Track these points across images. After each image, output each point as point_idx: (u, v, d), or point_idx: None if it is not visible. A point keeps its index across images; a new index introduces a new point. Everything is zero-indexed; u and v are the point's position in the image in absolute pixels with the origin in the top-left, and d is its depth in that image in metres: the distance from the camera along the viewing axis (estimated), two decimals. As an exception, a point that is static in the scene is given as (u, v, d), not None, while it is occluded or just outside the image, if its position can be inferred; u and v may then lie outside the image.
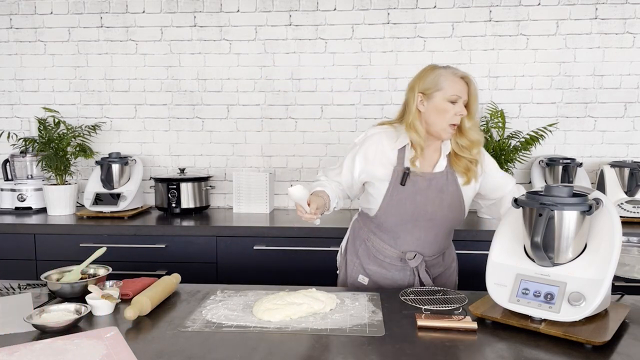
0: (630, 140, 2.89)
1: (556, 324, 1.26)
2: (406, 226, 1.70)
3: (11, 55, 3.07)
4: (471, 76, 1.70)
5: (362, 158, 1.73)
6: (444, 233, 1.76)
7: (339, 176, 1.79)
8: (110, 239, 2.52)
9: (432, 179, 1.68)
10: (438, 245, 1.76)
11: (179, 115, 3.06)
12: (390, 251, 1.75)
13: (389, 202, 1.69)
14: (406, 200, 1.67)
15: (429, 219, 1.69)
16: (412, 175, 1.67)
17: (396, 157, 1.70)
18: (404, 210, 1.68)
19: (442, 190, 1.69)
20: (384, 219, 1.72)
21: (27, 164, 2.98)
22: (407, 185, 1.67)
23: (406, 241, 1.72)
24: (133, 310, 1.35)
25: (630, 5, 2.79)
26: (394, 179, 1.68)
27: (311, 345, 1.21)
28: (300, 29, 2.94)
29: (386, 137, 1.72)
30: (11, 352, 1.15)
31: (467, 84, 1.67)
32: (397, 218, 1.69)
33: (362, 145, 1.75)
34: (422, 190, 1.68)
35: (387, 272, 1.76)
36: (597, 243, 1.29)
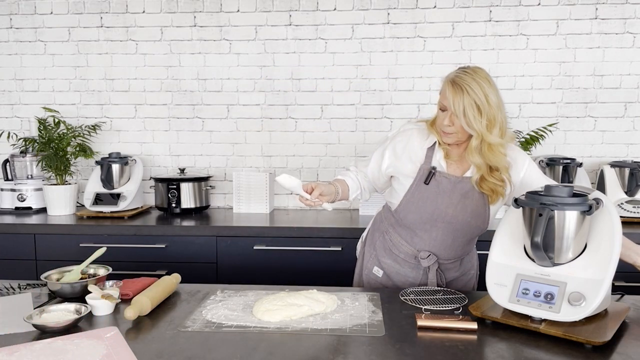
0: (630, 140, 2.89)
1: (556, 324, 1.26)
2: (424, 225, 1.68)
3: (11, 55, 3.07)
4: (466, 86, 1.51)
5: (391, 152, 1.72)
6: (463, 239, 1.70)
7: (366, 167, 1.79)
8: (110, 239, 2.52)
9: (458, 183, 1.64)
10: (455, 250, 1.72)
11: (179, 115, 3.06)
12: (406, 247, 1.73)
13: (410, 199, 1.67)
14: (427, 200, 1.64)
15: (448, 222, 1.65)
16: (438, 175, 1.64)
17: (424, 155, 1.67)
18: (423, 209, 1.65)
19: (467, 195, 1.64)
20: (403, 215, 1.70)
21: (27, 164, 2.98)
22: (430, 185, 1.63)
23: (423, 240, 1.70)
24: (133, 310, 1.35)
25: (630, 5, 2.79)
26: (419, 176, 1.65)
27: (311, 345, 1.21)
28: (300, 29, 2.94)
29: (418, 134, 1.70)
30: (11, 352, 1.15)
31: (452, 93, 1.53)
32: (416, 216, 1.67)
33: (393, 140, 1.73)
34: (445, 192, 1.64)
35: (401, 267, 1.75)
36: (597, 243, 1.29)
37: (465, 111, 1.51)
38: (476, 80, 1.52)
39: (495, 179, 1.59)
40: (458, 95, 1.51)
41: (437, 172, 1.63)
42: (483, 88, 1.52)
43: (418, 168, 1.66)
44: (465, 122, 1.52)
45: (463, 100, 1.50)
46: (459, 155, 1.66)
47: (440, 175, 1.63)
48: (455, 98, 1.52)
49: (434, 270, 1.71)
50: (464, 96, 1.50)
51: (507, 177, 1.60)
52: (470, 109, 1.50)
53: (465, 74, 1.54)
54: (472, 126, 1.52)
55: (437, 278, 1.72)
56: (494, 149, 1.55)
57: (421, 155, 1.67)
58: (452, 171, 1.66)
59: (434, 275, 1.71)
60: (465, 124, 1.53)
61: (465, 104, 1.50)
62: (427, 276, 1.72)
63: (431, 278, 1.71)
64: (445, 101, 1.56)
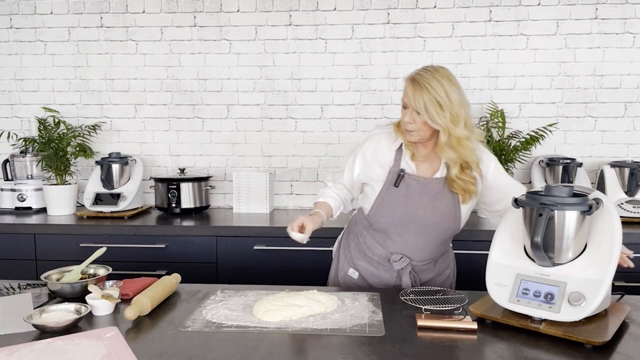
0: (630, 140, 2.89)
1: (556, 324, 1.26)
2: (396, 228, 1.69)
3: (11, 55, 3.07)
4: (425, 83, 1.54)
5: (361, 159, 1.75)
6: (436, 241, 1.72)
7: (342, 178, 1.84)
8: (110, 239, 2.52)
9: (427, 184, 1.66)
10: (428, 252, 1.73)
11: (179, 115, 3.06)
12: (379, 250, 1.75)
13: (381, 202, 1.69)
14: (397, 203, 1.66)
15: (419, 223, 1.66)
16: (407, 177, 1.66)
17: (393, 157, 1.70)
18: (394, 212, 1.67)
19: (437, 197, 1.66)
20: (375, 219, 1.72)
21: (27, 164, 2.98)
22: (400, 187, 1.66)
23: (395, 243, 1.72)
24: (133, 310, 1.35)
25: (630, 5, 2.79)
26: (389, 179, 1.68)
27: (311, 345, 1.21)
28: (300, 29, 2.94)
29: (386, 137, 1.72)
30: (11, 352, 1.15)
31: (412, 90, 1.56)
32: (387, 219, 1.69)
33: (362, 147, 1.76)
34: (415, 194, 1.66)
35: (375, 270, 1.77)
36: (597, 243, 1.29)
37: (426, 107, 1.54)
38: (436, 77, 1.55)
39: (467, 176, 1.62)
40: (418, 91, 1.55)
41: (406, 174, 1.66)
42: (443, 85, 1.55)
43: (387, 172, 1.69)
44: (428, 117, 1.55)
45: (423, 97, 1.54)
46: (426, 155, 1.69)
47: (409, 178, 1.66)
48: (415, 94, 1.55)
49: (407, 273, 1.72)
50: (423, 93, 1.54)
51: (478, 173, 1.64)
52: (431, 105, 1.54)
53: (426, 72, 1.58)
54: (436, 120, 1.55)
55: (411, 280, 1.73)
56: (462, 142, 1.57)
57: (390, 158, 1.70)
58: (421, 173, 1.68)
59: (408, 278, 1.72)
60: (429, 119, 1.55)
61: (425, 100, 1.54)
62: (401, 278, 1.74)
63: (405, 280, 1.72)
64: (406, 98, 1.59)
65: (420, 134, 1.61)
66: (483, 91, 2.91)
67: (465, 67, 2.89)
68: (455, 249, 2.38)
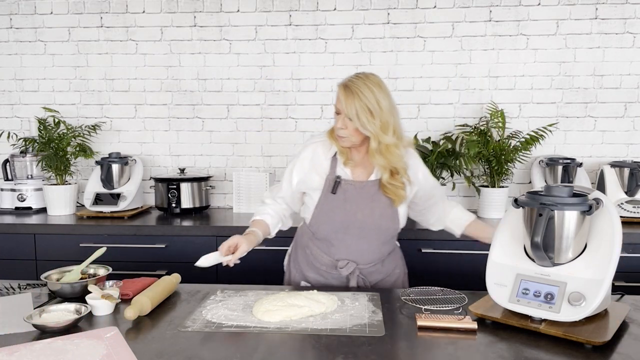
0: (630, 140, 2.89)
1: (556, 324, 1.26)
2: (337, 234, 1.72)
3: (11, 55, 3.07)
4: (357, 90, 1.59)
5: (299, 169, 1.76)
6: (378, 242, 1.74)
7: (280, 191, 1.82)
8: (110, 239, 2.52)
9: (363, 187, 1.70)
10: (372, 253, 1.75)
11: (179, 115, 3.06)
12: (325, 259, 1.76)
13: (321, 210, 1.71)
14: (336, 209, 1.69)
15: (359, 227, 1.69)
16: (344, 183, 1.69)
17: (329, 165, 1.73)
18: (334, 219, 1.70)
19: (373, 199, 1.69)
20: (316, 228, 1.74)
21: (27, 164, 2.98)
22: (338, 194, 1.69)
23: (339, 249, 1.73)
24: (133, 310, 1.35)
25: (630, 5, 2.79)
26: (326, 187, 1.71)
27: (311, 345, 1.21)
28: (300, 29, 2.94)
29: (321, 145, 1.76)
30: (11, 352, 1.15)
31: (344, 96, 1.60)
32: (328, 226, 1.71)
33: (299, 157, 1.78)
34: (352, 198, 1.69)
35: (324, 279, 1.78)
36: (597, 243, 1.29)
37: (358, 114, 1.58)
38: (367, 85, 1.61)
39: (397, 181, 1.67)
40: (350, 98, 1.59)
41: (342, 180, 1.69)
42: (374, 93, 1.60)
43: (324, 179, 1.71)
44: (360, 124, 1.59)
45: (355, 104, 1.58)
46: (360, 159, 1.72)
47: (345, 183, 1.69)
48: (347, 101, 1.59)
49: (355, 277, 1.73)
50: (354, 100, 1.58)
51: (406, 179, 1.69)
52: (362, 112, 1.58)
53: (358, 79, 1.62)
54: (367, 127, 1.60)
55: (359, 284, 1.74)
56: (391, 149, 1.63)
57: (326, 165, 1.73)
58: (357, 177, 1.72)
59: (355, 282, 1.73)
60: (360, 126, 1.60)
61: (357, 107, 1.58)
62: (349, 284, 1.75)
63: (352, 285, 1.73)
64: (339, 105, 1.63)
65: (352, 140, 1.65)
66: (483, 91, 2.91)
67: (465, 67, 2.89)
68: (455, 249, 2.39)
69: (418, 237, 2.42)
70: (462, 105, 2.93)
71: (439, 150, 2.68)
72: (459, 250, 2.40)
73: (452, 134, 2.83)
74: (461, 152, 2.72)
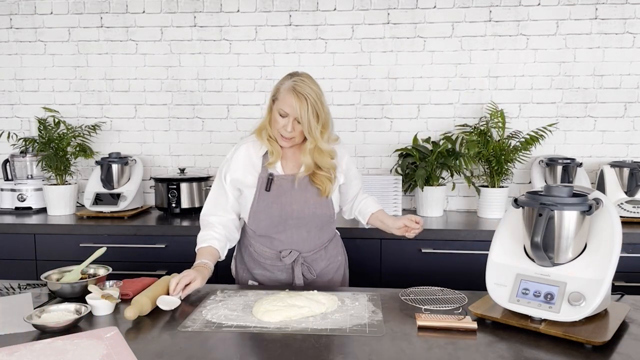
0: (630, 140, 2.89)
1: (556, 324, 1.26)
2: (277, 228, 1.75)
3: (11, 55, 3.07)
4: (307, 95, 1.64)
5: (233, 170, 1.77)
6: (316, 229, 1.79)
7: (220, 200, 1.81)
8: (110, 239, 2.52)
9: (295, 180, 1.73)
10: (313, 240, 1.79)
11: (179, 115, 3.06)
12: (269, 252, 1.79)
13: (257, 208, 1.74)
14: (273, 204, 1.72)
15: (296, 217, 1.73)
16: (277, 179, 1.73)
17: (261, 164, 1.76)
18: (272, 214, 1.72)
19: (306, 189, 1.74)
20: (256, 225, 1.76)
21: (27, 164, 2.98)
22: (272, 191, 1.72)
23: (281, 241, 1.77)
24: (133, 310, 1.35)
25: (630, 5, 2.79)
26: (260, 185, 1.74)
27: (311, 345, 1.21)
28: (300, 29, 2.94)
29: (252, 145, 1.79)
30: (11, 352, 1.15)
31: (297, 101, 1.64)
32: (266, 222, 1.74)
33: (231, 159, 1.80)
34: (286, 191, 1.73)
35: (272, 274, 1.80)
36: (597, 243, 1.29)
37: (309, 118, 1.64)
38: (312, 88, 1.67)
39: (324, 172, 1.74)
40: (304, 104, 1.64)
41: (275, 177, 1.73)
42: (318, 95, 1.67)
43: (257, 178, 1.74)
44: (307, 129, 1.66)
45: (307, 108, 1.64)
46: (291, 154, 1.77)
47: (278, 179, 1.73)
48: (301, 107, 1.64)
49: (299, 265, 1.76)
50: (306, 104, 1.64)
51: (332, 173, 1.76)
52: (312, 117, 1.65)
53: (303, 83, 1.66)
54: (312, 133, 1.67)
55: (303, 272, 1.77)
56: (324, 153, 1.72)
57: (258, 164, 1.76)
58: (288, 170, 1.76)
59: (300, 270, 1.76)
60: (307, 131, 1.67)
61: (309, 112, 1.64)
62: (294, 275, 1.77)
63: (297, 273, 1.76)
64: (288, 108, 1.65)
65: (295, 141, 1.72)
66: (483, 91, 2.91)
67: (465, 67, 2.89)
68: (455, 249, 2.39)
69: (418, 237, 2.41)
70: (462, 105, 2.93)
71: (439, 150, 2.68)
72: (459, 250, 2.40)
73: (452, 134, 2.83)
74: (461, 152, 2.72)
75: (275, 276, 1.80)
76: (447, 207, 2.99)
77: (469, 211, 2.95)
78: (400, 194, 2.76)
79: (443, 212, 2.82)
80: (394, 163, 2.94)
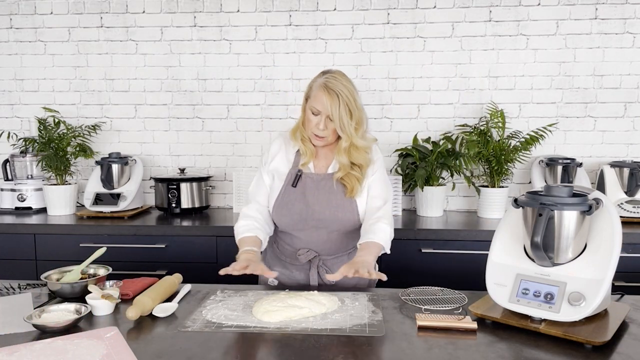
0: (630, 140, 2.89)
1: (556, 324, 1.26)
2: (298, 225, 1.75)
3: (11, 55, 3.07)
4: (339, 92, 1.62)
5: (272, 153, 1.81)
6: (338, 233, 1.76)
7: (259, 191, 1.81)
8: (110, 239, 2.52)
9: (322, 180, 1.74)
10: (334, 244, 1.77)
11: (179, 115, 3.06)
12: (289, 250, 1.80)
13: (281, 202, 1.75)
14: (295, 201, 1.73)
15: (317, 218, 1.72)
16: (304, 176, 1.74)
17: (294, 159, 1.78)
18: (293, 211, 1.73)
19: (331, 191, 1.73)
20: (278, 219, 1.77)
21: (27, 164, 2.98)
22: (297, 187, 1.73)
23: (301, 240, 1.77)
24: (135, 310, 1.35)
25: (630, 5, 2.79)
26: (288, 179, 1.75)
27: (311, 345, 1.21)
28: (300, 29, 2.94)
29: (288, 141, 1.81)
30: (11, 352, 1.15)
31: (329, 99, 1.62)
32: (288, 218, 1.74)
33: (271, 146, 1.84)
34: (310, 190, 1.73)
35: (290, 272, 1.81)
36: (597, 243, 1.29)
37: (340, 115, 1.63)
38: (344, 84, 1.66)
39: (356, 172, 1.72)
40: (335, 101, 1.62)
41: (303, 173, 1.74)
42: (351, 92, 1.66)
43: (288, 171, 1.76)
44: (340, 124, 1.64)
45: (339, 106, 1.63)
46: (323, 153, 1.77)
47: (305, 177, 1.74)
48: (332, 104, 1.63)
49: (316, 266, 1.76)
50: (338, 101, 1.62)
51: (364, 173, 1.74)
52: (344, 114, 1.64)
53: (335, 80, 1.66)
54: (345, 130, 1.65)
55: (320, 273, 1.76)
56: (360, 150, 1.71)
57: (291, 159, 1.78)
58: (317, 169, 1.76)
59: (315, 271, 1.76)
60: (340, 128, 1.65)
61: (341, 109, 1.63)
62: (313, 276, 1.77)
63: (312, 274, 1.76)
64: (320, 106, 1.65)
65: (329, 140, 1.71)
66: (483, 91, 2.91)
67: (465, 67, 2.89)
68: (455, 249, 2.39)
69: (418, 237, 2.42)
70: (462, 105, 2.93)
71: (439, 150, 2.68)
72: (459, 250, 2.40)
73: (452, 134, 2.83)
74: (461, 152, 2.72)
75: (294, 275, 1.80)
76: (447, 207, 2.99)
77: (469, 211, 2.95)
78: (400, 194, 2.76)
79: (443, 212, 2.83)
80: (394, 163, 2.94)
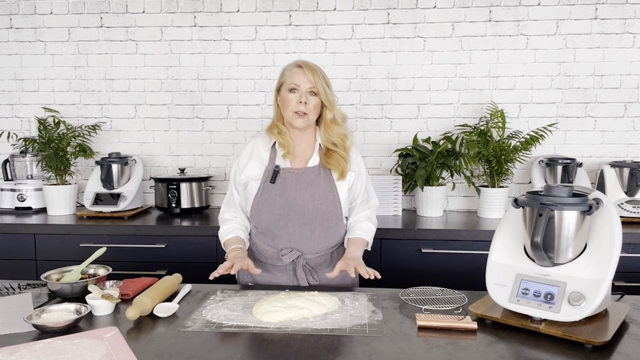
0: (630, 140, 2.89)
1: (556, 324, 1.26)
2: (279, 222, 1.73)
3: (11, 55, 3.07)
4: (312, 65, 1.74)
5: (241, 165, 1.81)
6: (321, 228, 1.74)
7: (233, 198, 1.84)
8: (110, 239, 2.52)
9: (302, 174, 1.74)
10: (317, 241, 1.75)
11: (179, 115, 3.06)
12: (270, 251, 1.77)
13: (260, 199, 1.74)
14: (276, 197, 1.72)
15: (300, 212, 1.71)
16: (282, 172, 1.74)
17: (268, 156, 1.78)
18: (274, 206, 1.72)
19: (313, 184, 1.73)
20: (257, 219, 1.76)
21: (27, 164, 2.98)
22: (277, 182, 1.73)
23: (282, 239, 1.74)
24: (135, 310, 1.35)
25: (630, 5, 2.79)
26: (265, 177, 1.75)
27: (311, 345, 1.21)
28: (300, 29, 2.94)
29: (261, 140, 1.83)
30: (11, 352, 1.15)
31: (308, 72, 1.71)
32: (268, 214, 1.73)
33: (240, 155, 1.84)
34: (291, 185, 1.73)
35: (272, 275, 1.78)
36: (597, 243, 1.29)
37: (323, 86, 1.72)
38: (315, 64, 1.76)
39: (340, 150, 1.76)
40: (316, 74, 1.72)
41: (281, 169, 1.74)
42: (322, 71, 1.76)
43: (263, 171, 1.76)
44: (324, 94, 1.72)
45: (320, 78, 1.72)
46: (300, 151, 1.79)
47: (284, 172, 1.74)
48: (314, 76, 1.71)
49: (301, 267, 1.74)
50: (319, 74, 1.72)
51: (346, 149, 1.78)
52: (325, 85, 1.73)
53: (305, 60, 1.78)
54: (329, 99, 1.74)
55: (306, 274, 1.74)
56: (340, 124, 1.78)
57: (265, 157, 1.78)
58: (296, 165, 1.77)
59: (302, 272, 1.74)
60: (324, 98, 1.73)
61: (322, 80, 1.72)
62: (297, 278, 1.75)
63: (300, 274, 1.74)
64: (299, 80, 1.71)
65: (310, 118, 1.74)
66: (483, 91, 2.91)
67: (465, 67, 2.89)
68: (455, 249, 2.39)
69: (418, 237, 2.42)
70: (462, 105, 2.93)
71: (439, 150, 2.68)
72: (459, 250, 2.40)
73: (452, 134, 2.83)
74: (461, 152, 2.72)
75: (276, 278, 1.77)
76: (447, 207, 2.99)
77: (469, 211, 2.95)
78: (400, 194, 2.76)
79: (443, 212, 2.83)
80: (394, 163, 2.94)
